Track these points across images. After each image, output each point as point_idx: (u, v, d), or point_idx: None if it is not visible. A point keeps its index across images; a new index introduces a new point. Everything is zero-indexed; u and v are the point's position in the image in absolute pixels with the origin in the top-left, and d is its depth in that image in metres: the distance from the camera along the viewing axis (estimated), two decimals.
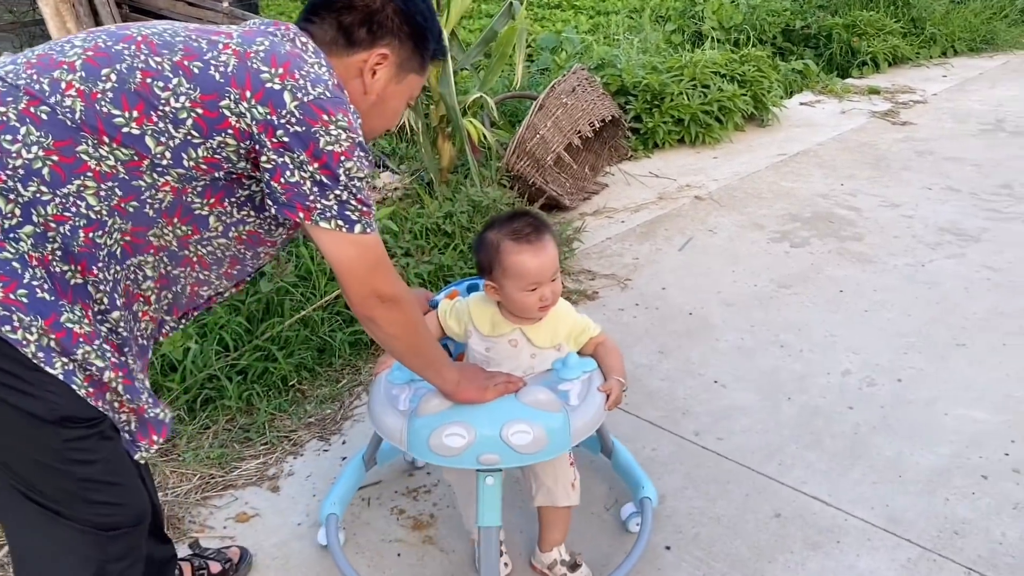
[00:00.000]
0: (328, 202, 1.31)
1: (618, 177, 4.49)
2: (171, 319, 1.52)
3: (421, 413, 1.65)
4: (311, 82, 1.30)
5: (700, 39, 6.67)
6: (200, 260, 1.45)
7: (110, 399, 1.31)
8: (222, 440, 2.45)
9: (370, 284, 1.39)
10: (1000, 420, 2.44)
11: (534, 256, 1.70)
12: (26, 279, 1.20)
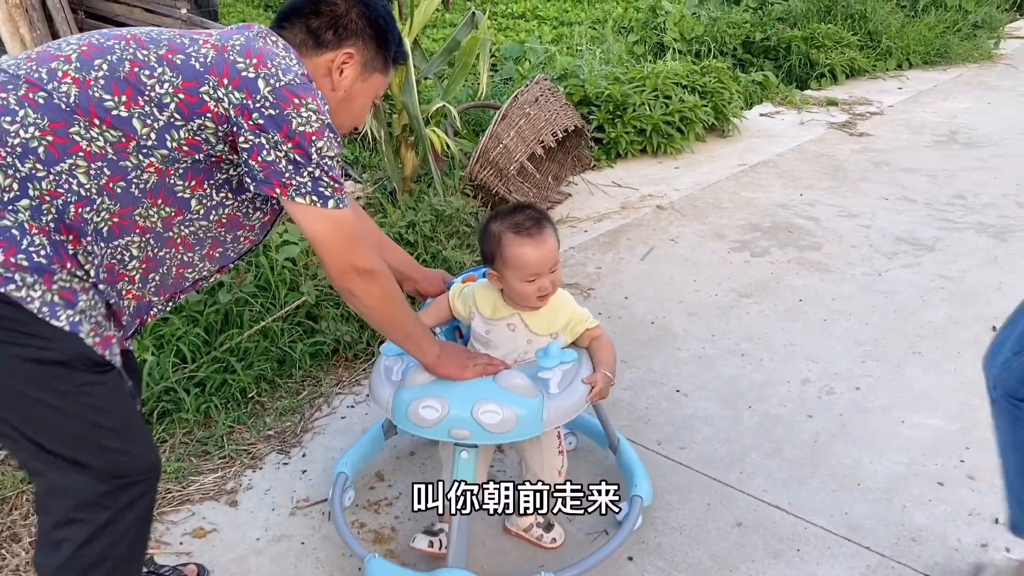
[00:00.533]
0: (302, 179, 1.42)
1: (581, 187, 4.51)
2: (159, 300, 1.60)
3: (406, 385, 1.78)
4: (282, 70, 1.42)
5: (662, 50, 6.73)
6: (184, 241, 1.54)
7: (112, 354, 1.41)
8: (179, 454, 2.40)
9: (346, 257, 1.50)
10: (955, 428, 2.48)
11: (534, 248, 1.80)
12: (23, 244, 1.31)
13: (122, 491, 1.46)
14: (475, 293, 1.96)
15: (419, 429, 1.76)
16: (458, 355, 1.80)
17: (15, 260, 1.29)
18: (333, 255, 1.50)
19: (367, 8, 1.58)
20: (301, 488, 2.30)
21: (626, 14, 9.06)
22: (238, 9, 10.30)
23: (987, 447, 2.40)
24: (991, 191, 4.33)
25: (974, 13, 8.24)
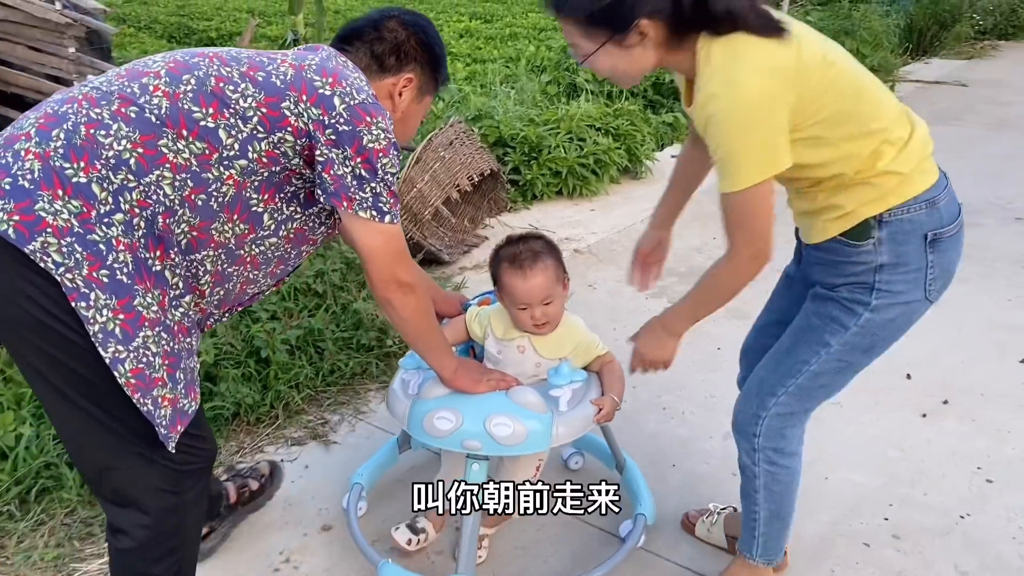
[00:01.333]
0: (365, 194, 1.51)
1: (498, 229, 4.42)
2: (218, 312, 1.72)
3: (422, 397, 1.85)
4: (356, 90, 1.52)
5: (575, 90, 6.75)
6: (252, 260, 1.64)
7: (156, 394, 1.45)
8: (59, 538, 2.17)
9: (391, 269, 1.58)
10: (878, 483, 2.47)
11: (522, 281, 1.88)
12: (109, 260, 1.38)
13: (187, 478, 1.61)
14: (490, 315, 2.06)
15: (433, 440, 1.81)
16: (474, 370, 1.88)
17: (97, 275, 1.37)
18: (380, 266, 1.58)
19: (424, 36, 1.71)
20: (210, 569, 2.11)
21: (539, 52, 9.10)
22: (139, 39, 9.95)
23: (910, 503, 2.39)
24: None
25: (871, 57, 8.59)
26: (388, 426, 2.72)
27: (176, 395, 1.49)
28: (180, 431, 1.51)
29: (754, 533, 1.94)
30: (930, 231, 1.56)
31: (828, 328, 1.65)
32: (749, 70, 1.39)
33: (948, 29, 10.89)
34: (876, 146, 1.52)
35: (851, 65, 1.55)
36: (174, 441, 1.50)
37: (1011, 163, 5.83)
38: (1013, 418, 2.81)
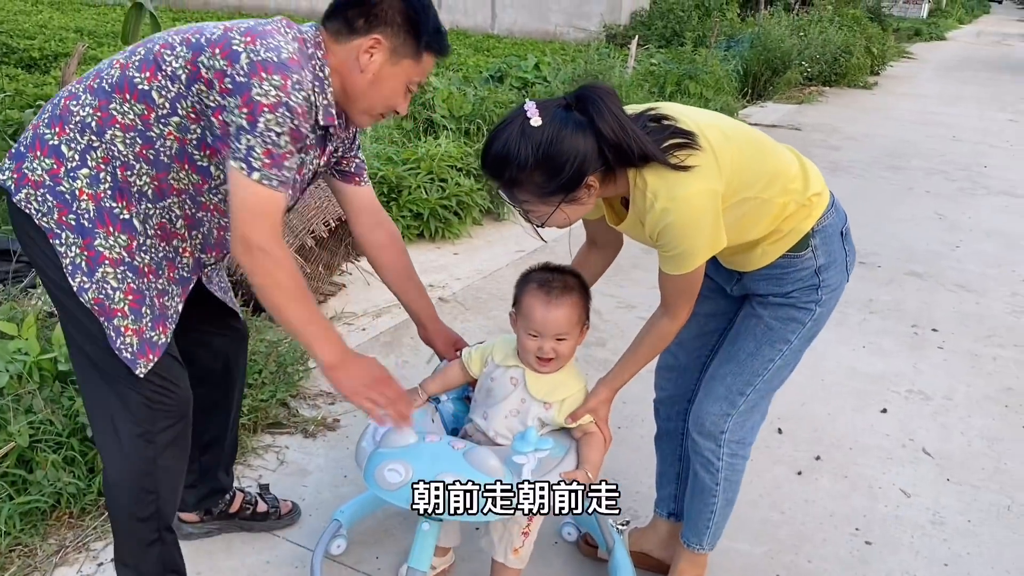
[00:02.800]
0: (240, 144, 1.55)
1: (356, 276, 4.16)
2: (208, 257, 1.84)
3: (381, 446, 1.79)
4: (266, 48, 1.56)
5: (432, 127, 6.59)
6: (216, 208, 1.76)
7: (117, 323, 1.67)
8: None
9: (244, 228, 1.59)
10: (762, 551, 2.40)
11: (544, 307, 1.87)
12: (73, 207, 1.63)
13: (161, 417, 1.79)
14: (495, 344, 2.02)
15: (383, 492, 1.74)
16: (365, 373, 1.75)
17: (66, 220, 1.63)
18: (236, 223, 1.59)
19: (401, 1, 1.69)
20: None
21: None
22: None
23: (795, 570, 2.33)
24: None
25: (713, 101, 8.94)
26: None
27: (141, 327, 1.69)
28: (152, 361, 1.71)
29: (708, 524, 2.08)
30: (841, 227, 1.90)
31: (788, 327, 1.90)
32: (684, 184, 1.65)
33: (780, 75, 11.56)
34: (802, 182, 1.83)
35: (746, 132, 1.81)
36: (144, 368, 1.70)
37: (848, 206, 6.06)
38: (881, 472, 2.83)
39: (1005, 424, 3.20)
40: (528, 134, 1.62)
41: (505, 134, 1.65)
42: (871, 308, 4.25)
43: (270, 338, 3.14)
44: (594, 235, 2.07)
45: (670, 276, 1.77)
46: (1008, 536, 2.55)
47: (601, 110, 1.63)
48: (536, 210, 1.71)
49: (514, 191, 1.69)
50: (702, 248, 1.71)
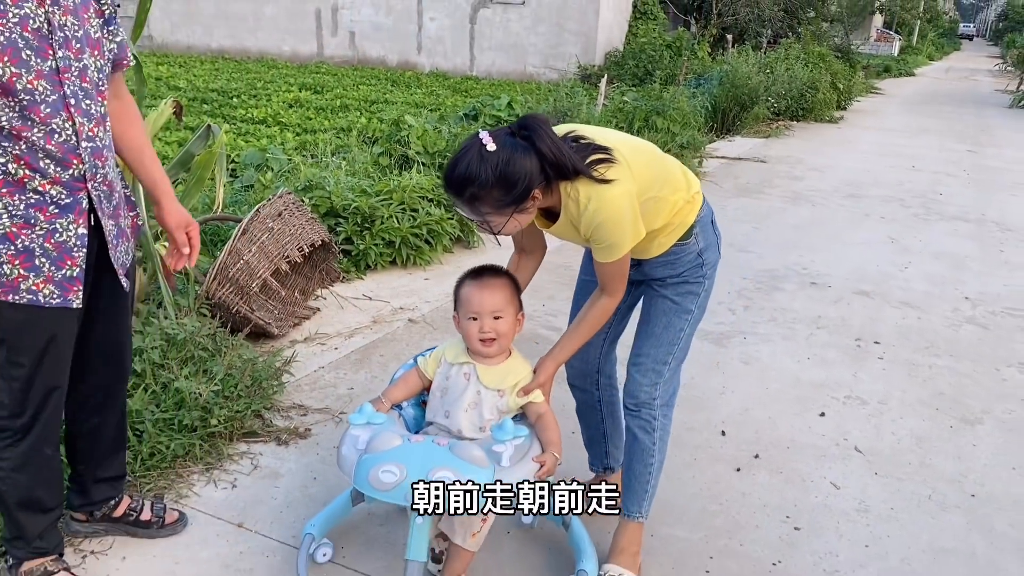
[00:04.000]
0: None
1: (331, 300, 4.38)
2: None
3: (368, 451, 1.96)
4: None
5: (407, 162, 6.85)
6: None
7: None
8: None
9: None
10: (698, 537, 2.61)
11: (478, 290, 2.18)
12: None
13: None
14: (445, 346, 2.29)
15: (378, 492, 1.89)
16: None
17: None
18: None
19: None
20: None
21: (370, 124, 9.18)
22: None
23: (727, 553, 2.54)
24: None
25: (680, 135, 9.26)
26: (211, 510, 2.60)
27: None
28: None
29: (647, 488, 2.40)
30: (711, 217, 2.33)
31: (688, 300, 2.31)
32: (608, 189, 2.01)
33: (748, 110, 11.94)
34: (685, 183, 2.23)
35: (646, 145, 2.22)
36: None
37: (806, 232, 6.43)
38: (815, 468, 3.05)
39: (934, 425, 3.43)
40: (486, 158, 1.92)
41: (467, 159, 1.93)
42: (818, 324, 4.50)
43: (246, 356, 3.33)
44: (522, 243, 2.42)
45: (604, 264, 2.13)
46: (927, 521, 2.76)
47: (541, 135, 1.97)
48: (493, 220, 2.00)
49: (475, 205, 1.96)
50: (627, 238, 2.07)
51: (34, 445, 2.05)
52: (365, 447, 1.99)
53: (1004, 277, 5.60)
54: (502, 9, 17.95)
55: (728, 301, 4.76)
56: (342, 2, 19.41)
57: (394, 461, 1.91)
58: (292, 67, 18.23)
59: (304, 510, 2.62)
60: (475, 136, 1.98)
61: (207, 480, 2.76)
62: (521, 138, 1.97)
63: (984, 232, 6.88)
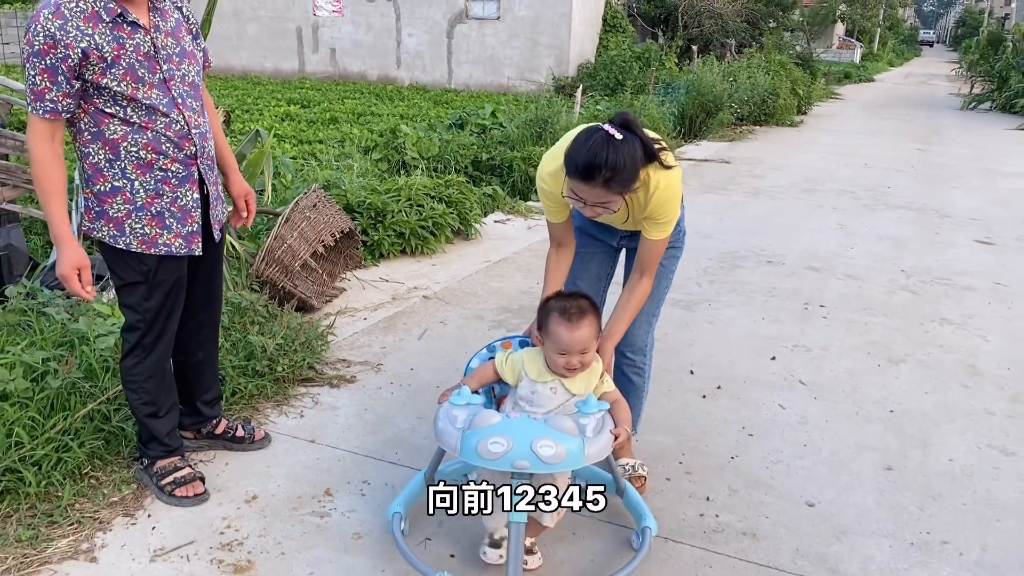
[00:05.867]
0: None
1: (353, 283, 5.06)
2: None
3: (473, 427, 2.17)
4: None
5: (405, 167, 7.55)
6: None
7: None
8: (28, 525, 2.56)
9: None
10: (672, 441, 3.32)
11: (568, 332, 2.29)
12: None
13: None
14: (524, 359, 2.42)
15: (486, 462, 2.11)
16: (75, 261, 2.45)
17: None
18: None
19: None
20: (155, 540, 2.57)
21: (362, 135, 9.88)
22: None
23: (695, 452, 3.25)
24: (678, 275, 5.49)
25: None
26: (287, 432, 3.27)
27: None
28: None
29: (639, 414, 3.00)
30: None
31: (672, 262, 2.85)
32: (670, 173, 2.44)
33: (713, 116, 12.77)
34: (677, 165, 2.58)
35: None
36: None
37: (764, 221, 7.20)
38: (766, 395, 3.78)
39: (865, 364, 4.18)
40: (617, 147, 2.21)
41: (602, 148, 2.20)
42: (772, 293, 5.25)
43: (295, 323, 4.00)
44: (560, 237, 2.73)
45: (658, 241, 2.53)
46: (853, 428, 3.50)
47: (639, 127, 2.31)
48: (614, 200, 2.29)
49: (608, 186, 2.23)
50: (678, 214, 2.52)
51: (157, 361, 2.72)
52: (467, 424, 2.20)
53: (937, 254, 6.40)
54: (478, 24, 18.73)
55: (696, 277, 5.50)
56: (322, 20, 20.09)
57: (501, 434, 2.11)
58: (276, 83, 18.87)
59: (361, 431, 3.29)
60: (598, 128, 2.26)
61: (279, 412, 3.43)
62: (625, 129, 2.27)
63: (924, 218, 7.69)
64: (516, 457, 2.09)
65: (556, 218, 2.66)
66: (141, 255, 2.54)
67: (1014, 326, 4.84)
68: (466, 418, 2.24)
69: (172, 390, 2.83)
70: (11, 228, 4.02)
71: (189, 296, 2.77)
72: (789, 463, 3.19)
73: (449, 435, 2.23)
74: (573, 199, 2.37)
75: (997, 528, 2.81)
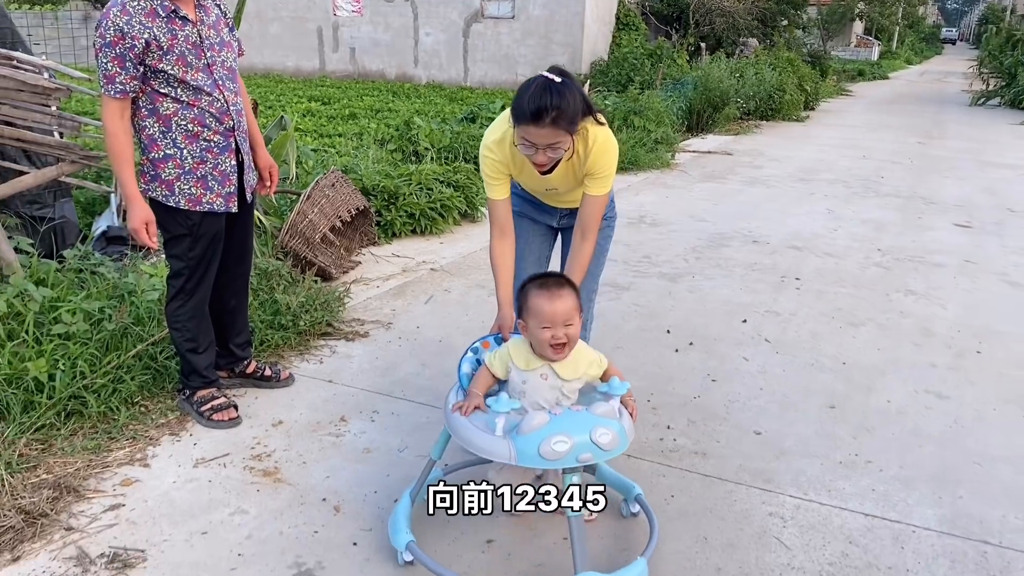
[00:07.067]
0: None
1: (368, 258, 5.55)
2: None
3: (526, 431, 2.11)
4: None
5: (417, 156, 8.05)
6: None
7: None
8: (91, 438, 3.07)
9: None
10: (643, 385, 3.77)
11: (548, 301, 2.28)
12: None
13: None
14: (509, 349, 2.40)
15: (550, 463, 2.10)
16: (143, 216, 2.95)
17: None
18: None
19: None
20: (196, 452, 3.07)
21: (378, 129, 10.39)
22: None
23: (664, 393, 3.70)
24: (667, 253, 5.96)
25: (655, 132, 10.49)
26: (308, 374, 3.76)
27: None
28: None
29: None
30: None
31: (606, 241, 3.00)
32: (605, 129, 2.62)
33: (719, 111, 13.18)
34: None
35: None
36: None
37: (756, 207, 7.64)
38: (733, 350, 4.23)
39: (828, 327, 4.62)
40: (558, 87, 2.35)
41: (546, 90, 2.33)
42: (753, 268, 5.69)
43: (315, 287, 4.50)
44: (503, 221, 2.74)
45: (598, 197, 2.63)
46: (806, 376, 3.94)
47: (573, 78, 2.45)
48: (563, 142, 2.42)
49: (556, 125, 2.34)
50: (615, 170, 2.65)
51: (198, 304, 3.22)
52: (516, 429, 2.13)
53: (915, 236, 6.82)
54: (493, 23, 19.22)
55: (683, 254, 5.95)
56: (342, 19, 20.66)
57: (560, 432, 2.08)
58: (297, 81, 19.45)
59: (372, 374, 3.78)
60: (538, 76, 2.38)
61: (301, 359, 3.93)
62: (564, 76, 2.41)
63: (910, 205, 8.09)
64: (580, 451, 2.10)
65: (499, 193, 2.73)
66: (188, 212, 3.04)
67: (974, 297, 5.26)
68: (505, 425, 2.17)
69: (210, 330, 3.33)
70: (64, 202, 4.54)
71: (225, 251, 3.26)
72: (744, 402, 3.65)
73: (495, 444, 2.15)
74: (525, 146, 2.46)
75: (918, 452, 3.26)
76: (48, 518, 2.61)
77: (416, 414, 3.42)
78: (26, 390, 3.12)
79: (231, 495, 2.81)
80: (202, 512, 2.71)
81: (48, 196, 4.42)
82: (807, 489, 2.96)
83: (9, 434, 2.95)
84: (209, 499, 2.78)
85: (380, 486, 2.89)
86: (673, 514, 2.78)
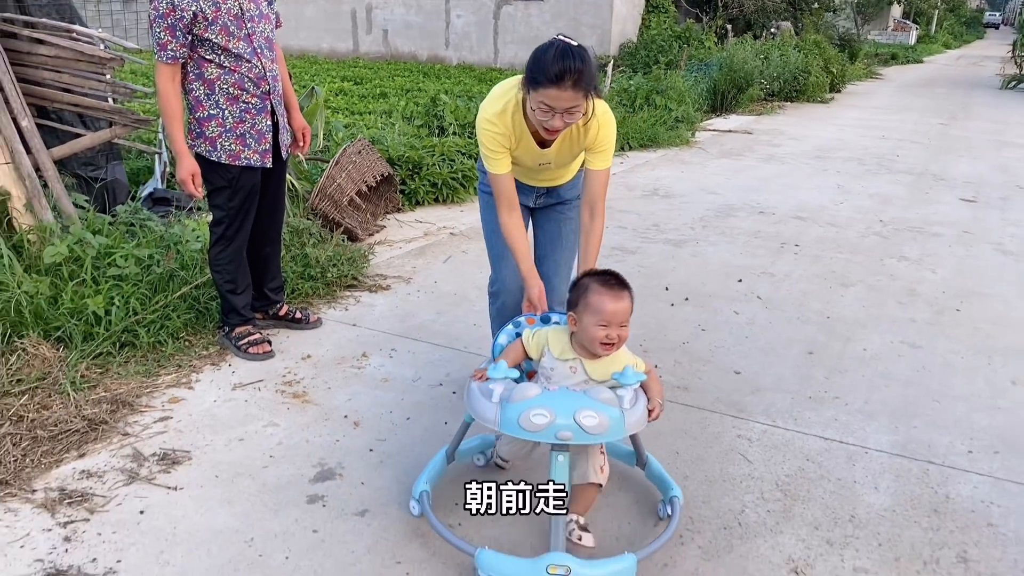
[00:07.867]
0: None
1: (392, 223, 5.94)
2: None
3: (513, 400, 2.15)
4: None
5: (443, 131, 8.41)
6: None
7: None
8: (143, 364, 3.50)
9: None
10: (638, 333, 4.12)
11: (612, 301, 2.26)
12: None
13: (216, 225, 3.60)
14: (548, 336, 2.40)
15: (528, 434, 2.10)
16: (190, 168, 3.36)
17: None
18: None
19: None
20: (235, 379, 3.49)
21: (407, 106, 10.76)
22: None
23: (654, 339, 4.04)
24: (676, 222, 6.28)
25: (676, 111, 10.75)
26: (335, 319, 4.16)
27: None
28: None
29: None
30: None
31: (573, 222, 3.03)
32: (605, 103, 2.65)
33: (744, 92, 13.38)
34: None
35: None
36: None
37: (768, 182, 7.91)
38: (726, 305, 4.56)
39: (819, 287, 4.92)
40: (576, 50, 2.35)
41: (560, 53, 2.33)
42: (756, 236, 5.99)
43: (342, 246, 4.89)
44: (509, 195, 2.68)
45: (601, 171, 2.64)
46: (791, 327, 4.26)
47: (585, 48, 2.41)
48: (580, 105, 2.40)
49: (577, 86, 2.34)
50: (614, 144, 2.65)
51: (237, 249, 3.62)
52: (506, 397, 2.16)
53: (918, 209, 7.06)
54: (523, 6, 19.48)
55: (690, 223, 6.27)
56: (375, 2, 21.06)
57: (543, 405, 2.09)
58: (331, 62, 19.89)
59: (392, 320, 4.17)
60: (555, 41, 2.38)
61: (328, 307, 4.33)
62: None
63: (920, 182, 8.30)
64: (559, 428, 2.09)
65: (502, 167, 2.65)
66: (228, 166, 3.43)
67: (965, 264, 5.52)
68: (502, 392, 2.21)
69: (247, 273, 3.73)
70: (115, 165, 4.98)
71: (260, 203, 3.66)
72: (729, 348, 3.99)
73: (486, 408, 2.21)
74: (543, 110, 2.41)
75: (884, 391, 3.58)
76: (107, 425, 3.04)
77: (431, 352, 3.81)
78: (87, 323, 3.55)
79: (264, 412, 3.22)
80: (239, 424, 3.12)
81: (101, 159, 4.85)
82: (775, 417, 3.30)
83: (72, 359, 3.39)
84: (245, 414, 3.19)
85: (395, 407, 3.28)
86: (650, 435, 3.13)
